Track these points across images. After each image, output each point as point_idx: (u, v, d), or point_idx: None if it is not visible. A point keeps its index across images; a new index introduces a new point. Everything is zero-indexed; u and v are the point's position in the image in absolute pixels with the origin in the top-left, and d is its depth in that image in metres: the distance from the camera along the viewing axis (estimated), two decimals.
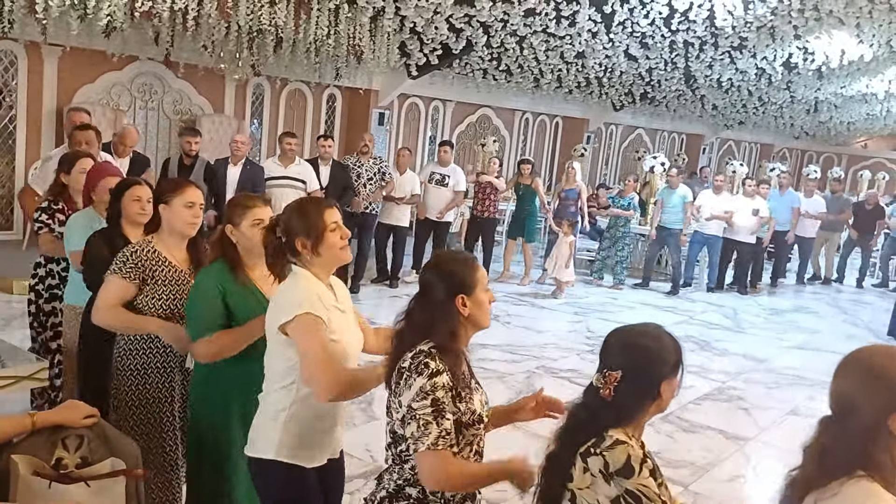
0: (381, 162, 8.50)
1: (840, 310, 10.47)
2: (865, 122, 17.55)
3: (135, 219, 3.42)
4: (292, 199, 3.04)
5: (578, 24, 9.20)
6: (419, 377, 1.98)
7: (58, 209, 4.08)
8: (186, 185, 3.06)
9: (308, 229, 2.38)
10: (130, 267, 2.91)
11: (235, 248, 2.76)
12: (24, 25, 6.94)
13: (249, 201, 2.81)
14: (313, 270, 2.41)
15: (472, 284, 2.13)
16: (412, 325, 2.12)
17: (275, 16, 7.57)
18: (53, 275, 4.18)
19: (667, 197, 10.27)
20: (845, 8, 8.66)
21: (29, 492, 2.05)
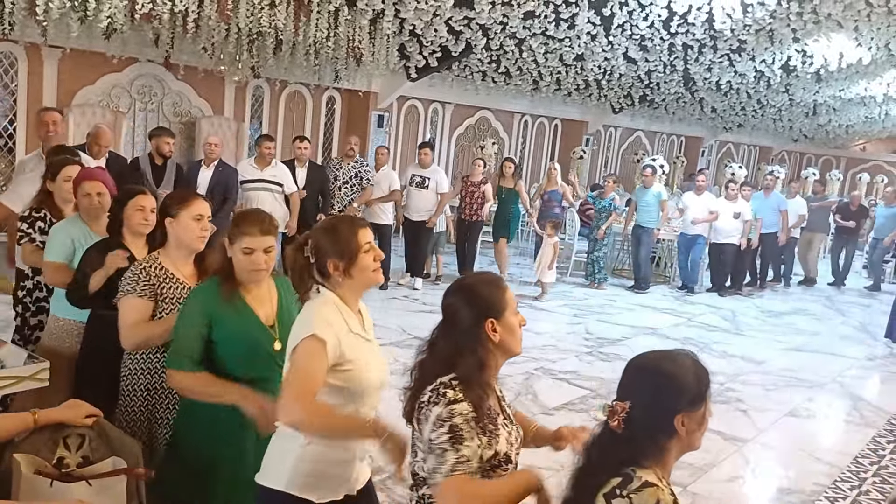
0: (360, 165, 8.48)
1: (838, 312, 10.48)
2: (864, 125, 17.59)
3: (137, 229, 3.30)
4: (269, 202, 3.05)
5: (577, 26, 9.22)
6: (436, 406, 1.87)
7: (39, 217, 3.91)
8: (194, 198, 2.95)
9: (341, 250, 2.24)
10: (144, 285, 2.80)
11: (231, 264, 2.62)
12: (25, 27, 6.95)
13: (248, 226, 2.60)
14: (341, 293, 2.27)
15: (502, 307, 1.99)
16: (435, 356, 1.99)
17: (274, 18, 7.59)
18: (41, 287, 3.99)
19: (640, 196, 10.24)
20: (844, 11, 8.68)
21: (31, 490, 2.06)
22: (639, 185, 10.65)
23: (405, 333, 7.01)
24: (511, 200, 9.65)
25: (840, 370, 7.42)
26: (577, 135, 15.25)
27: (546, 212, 9.96)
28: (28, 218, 3.89)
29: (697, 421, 1.74)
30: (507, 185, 9.62)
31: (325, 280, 2.28)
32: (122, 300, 2.81)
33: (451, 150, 13.46)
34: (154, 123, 9.44)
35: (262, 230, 2.58)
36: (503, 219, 9.69)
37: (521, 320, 2.05)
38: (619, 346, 7.37)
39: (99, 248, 3.27)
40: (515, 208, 9.72)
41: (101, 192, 3.57)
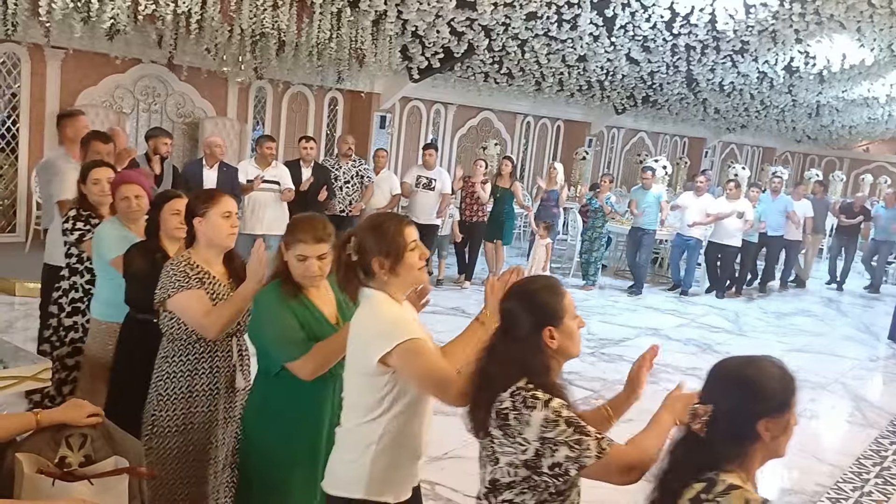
0: (359, 164, 8.41)
1: (841, 313, 10.47)
2: (867, 126, 17.56)
3: (174, 234, 3.27)
4: (270, 203, 3.04)
5: (580, 27, 9.22)
6: (534, 410, 1.86)
7: (84, 216, 3.92)
8: (220, 195, 2.90)
9: (387, 248, 2.21)
10: (193, 278, 2.77)
11: (288, 267, 2.58)
12: (28, 28, 6.97)
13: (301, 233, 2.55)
14: (388, 291, 2.25)
15: (561, 314, 1.98)
16: (499, 363, 1.97)
17: (277, 19, 7.61)
18: (77, 288, 3.96)
19: (640, 197, 10.13)
20: (846, 12, 8.68)
21: (33, 490, 2.06)
22: (638, 187, 10.60)
23: None
24: (506, 201, 9.50)
25: (843, 371, 7.41)
26: (579, 136, 15.25)
27: (543, 212, 9.88)
28: (75, 218, 3.89)
29: (782, 427, 1.71)
30: (503, 184, 9.49)
31: (370, 280, 2.25)
32: (177, 298, 2.75)
33: (453, 151, 13.47)
34: (157, 124, 9.46)
35: (316, 237, 2.54)
36: (497, 219, 9.54)
37: (580, 323, 2.04)
38: (621, 346, 7.37)
39: (139, 251, 3.27)
40: (510, 209, 9.58)
41: (138, 194, 3.58)
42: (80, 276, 3.94)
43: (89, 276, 3.86)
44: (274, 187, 7.41)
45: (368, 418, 2.22)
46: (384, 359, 2.14)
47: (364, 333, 2.21)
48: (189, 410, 2.82)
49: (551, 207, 9.99)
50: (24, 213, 8.50)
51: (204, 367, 2.83)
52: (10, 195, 8.58)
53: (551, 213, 9.90)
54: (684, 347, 7.67)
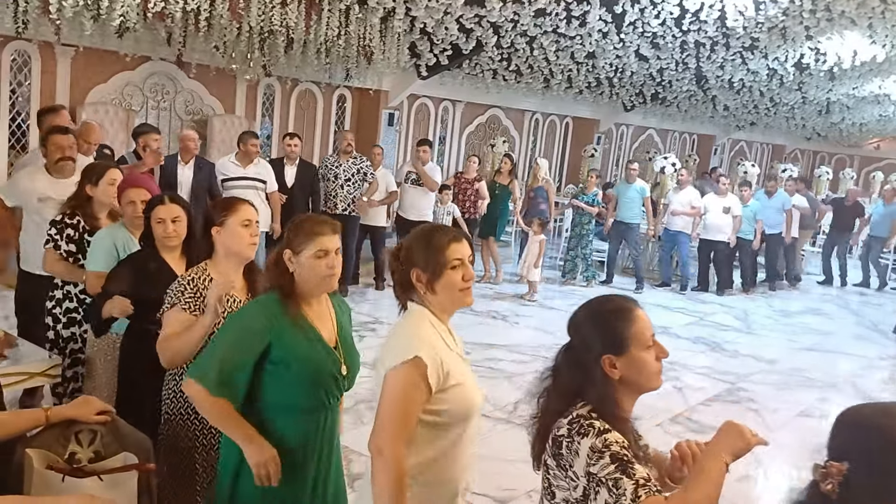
0: (360, 161, 8.21)
1: (850, 311, 10.43)
2: (878, 124, 17.46)
3: (162, 242, 3.13)
4: (254, 201, 2.98)
5: (589, 24, 9.19)
6: (585, 437, 1.71)
7: (71, 224, 3.74)
8: (239, 203, 2.75)
9: (427, 261, 2.06)
10: (189, 297, 2.61)
11: (291, 277, 2.35)
12: (38, 26, 6.99)
13: (317, 227, 2.36)
14: (431, 309, 2.10)
15: (626, 343, 1.79)
16: (559, 386, 1.85)
17: (286, 17, 7.60)
18: (71, 297, 3.84)
19: (623, 191, 10.10)
20: (857, 9, 8.61)
21: (43, 485, 2.08)
22: (621, 181, 10.52)
23: None
24: (503, 198, 9.49)
25: (852, 370, 7.38)
26: (588, 133, 15.21)
27: (532, 209, 9.81)
28: (59, 223, 3.73)
29: None
30: (503, 181, 9.49)
31: (412, 292, 2.11)
32: (166, 314, 2.63)
33: (461, 148, 13.45)
34: (166, 122, 9.49)
35: (333, 229, 2.38)
36: (492, 216, 9.52)
37: (659, 353, 1.83)
38: None
39: (127, 264, 3.16)
40: (505, 206, 9.56)
41: (144, 199, 3.43)
42: (73, 285, 3.82)
43: (83, 285, 3.72)
44: (258, 185, 7.15)
45: None
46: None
47: (388, 344, 2.08)
48: (201, 431, 2.69)
49: (539, 204, 9.89)
50: None
51: None
52: None
53: (540, 210, 9.80)
54: (693, 346, 7.65)
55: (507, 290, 9.23)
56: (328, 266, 2.33)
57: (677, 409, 5.68)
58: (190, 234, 3.16)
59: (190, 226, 3.16)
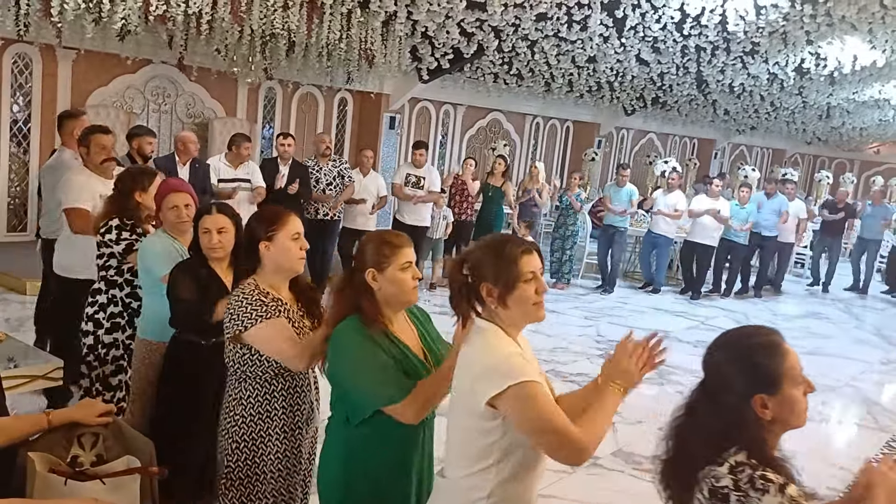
0: (340, 164, 8.04)
1: (852, 316, 10.42)
2: (878, 128, 17.47)
3: (209, 254, 3.06)
4: (245, 202, 2.95)
5: (590, 28, 9.20)
6: (766, 495, 1.58)
7: (133, 224, 3.70)
8: (287, 214, 2.60)
9: (498, 274, 1.96)
10: (270, 307, 2.47)
11: (374, 296, 2.25)
12: (40, 28, 7.01)
13: (396, 239, 2.29)
14: (501, 325, 1.99)
15: (780, 379, 1.67)
16: (701, 431, 1.71)
17: (287, 20, 7.61)
18: (116, 301, 3.73)
19: (613, 195, 10.06)
20: (858, 13, 8.62)
21: (46, 488, 2.07)
22: (611, 184, 10.46)
23: None
24: (497, 200, 9.33)
25: (854, 374, 7.37)
26: (588, 137, 15.23)
27: (523, 211, 9.69)
28: (125, 227, 3.66)
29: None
30: (496, 183, 9.32)
31: (480, 307, 2.01)
32: (257, 330, 2.43)
33: (462, 152, 13.46)
34: (168, 125, 9.50)
35: (409, 241, 2.33)
36: (487, 219, 9.37)
37: (808, 388, 1.72)
38: None
39: (182, 271, 3.07)
40: (500, 209, 9.41)
41: (188, 203, 3.37)
42: (119, 289, 3.72)
43: (129, 290, 3.70)
44: (246, 186, 7.08)
45: (475, 469, 1.95)
46: (493, 401, 1.88)
47: (472, 371, 1.95)
48: (267, 456, 2.55)
49: (531, 206, 9.80)
50: (34, 212, 8.53)
51: (283, 406, 2.55)
52: (21, 195, 8.63)
53: (531, 212, 9.72)
54: (695, 350, 7.63)
55: None
56: (415, 277, 2.30)
57: None
58: (238, 244, 3.03)
59: (238, 237, 3.04)
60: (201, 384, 2.95)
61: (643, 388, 2.23)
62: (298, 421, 2.58)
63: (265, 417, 2.53)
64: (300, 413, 2.58)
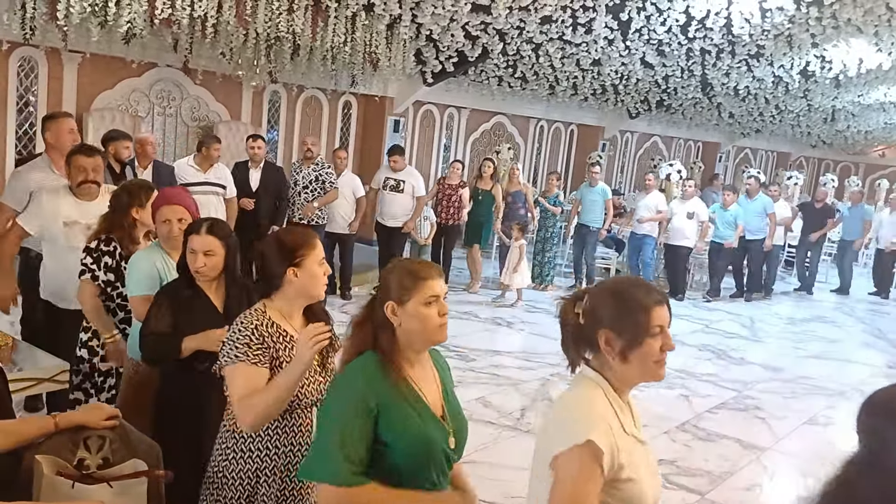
0: (321, 168, 7.75)
1: (857, 319, 10.39)
2: (883, 131, 17.45)
3: (197, 277, 2.85)
4: (213, 206, 2.84)
5: (595, 31, 9.20)
6: None
7: (108, 251, 3.45)
8: (314, 237, 2.43)
9: (623, 324, 1.75)
10: (258, 349, 2.27)
11: (393, 333, 1.99)
12: (46, 32, 7.02)
13: (422, 270, 2.01)
14: (612, 379, 1.79)
15: None
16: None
17: (292, 23, 7.62)
18: None
19: (586, 194, 10.02)
20: (864, 16, 8.61)
21: (52, 492, 2.07)
22: (584, 184, 10.40)
23: None
24: (487, 203, 9.20)
25: (860, 378, 7.34)
26: (593, 140, 15.21)
27: (510, 214, 9.52)
28: (94, 251, 3.42)
29: None
30: (485, 186, 9.19)
31: (592, 354, 1.82)
32: (232, 369, 2.27)
33: (466, 155, 13.46)
34: (172, 128, 9.51)
35: (438, 271, 2.06)
36: (477, 223, 9.22)
37: None
38: None
39: (165, 297, 2.88)
40: (490, 212, 9.26)
41: (182, 217, 3.18)
42: (111, 314, 3.52)
43: (123, 315, 3.49)
44: (218, 190, 6.80)
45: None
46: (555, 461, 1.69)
47: (558, 419, 1.79)
48: (255, 497, 2.37)
49: (518, 209, 9.64)
50: None
51: (280, 444, 2.37)
52: None
53: (519, 215, 9.56)
54: (699, 353, 7.62)
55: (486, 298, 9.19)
56: (442, 314, 2.00)
57: (684, 417, 5.66)
58: (227, 267, 2.89)
59: (228, 259, 2.88)
60: (198, 410, 2.75)
61: (647, 392, 2.20)
62: (297, 461, 2.38)
63: (262, 454, 2.36)
64: (293, 455, 2.39)
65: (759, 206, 10.49)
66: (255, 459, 2.36)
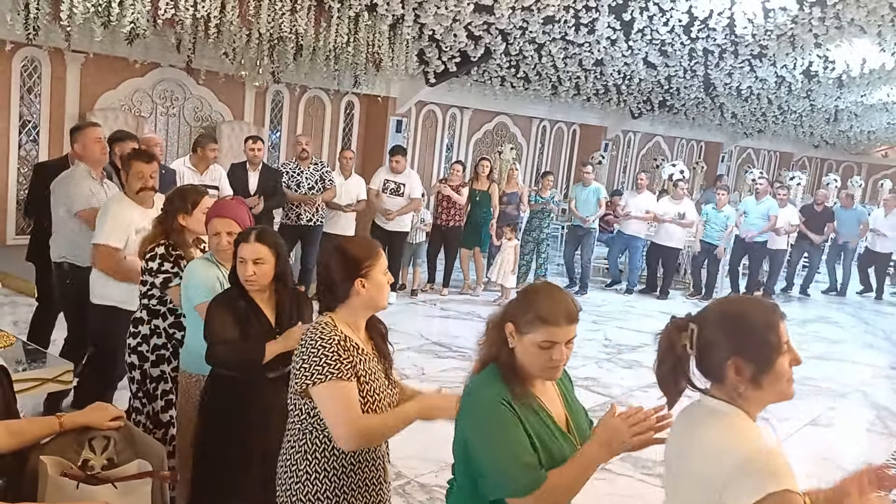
0: (322, 168, 7.69)
1: (860, 320, 10.38)
2: (886, 131, 17.43)
3: (245, 285, 2.85)
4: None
5: (597, 31, 9.19)
6: None
7: (178, 254, 3.47)
8: (378, 248, 2.38)
9: (751, 349, 1.62)
10: (347, 364, 2.19)
11: (513, 356, 1.94)
12: (49, 32, 7.03)
13: (552, 312, 1.92)
14: (744, 407, 1.66)
15: None
16: None
17: (295, 23, 7.63)
18: (159, 332, 3.51)
19: (579, 194, 9.99)
20: (867, 16, 8.60)
21: (57, 492, 2.08)
22: (578, 184, 10.36)
23: None
24: (485, 203, 9.06)
25: (863, 379, 7.34)
26: (595, 140, 15.21)
27: (504, 214, 9.41)
28: (169, 257, 3.44)
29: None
30: (481, 187, 9.04)
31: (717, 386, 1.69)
32: (324, 388, 2.15)
33: (469, 155, 13.46)
34: (175, 128, 9.53)
35: (569, 317, 1.94)
36: (475, 224, 9.07)
37: None
38: (638, 352, 7.32)
39: (221, 304, 2.86)
40: (488, 212, 9.11)
41: (231, 231, 3.12)
42: (161, 318, 3.50)
43: (172, 319, 3.50)
44: (212, 192, 6.41)
45: None
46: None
47: (722, 464, 1.60)
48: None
49: (511, 210, 9.56)
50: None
51: (358, 461, 2.27)
52: None
53: (512, 215, 9.49)
54: None
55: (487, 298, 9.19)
56: (554, 359, 1.92)
57: None
58: (278, 275, 2.88)
59: (279, 267, 2.87)
60: (246, 428, 2.74)
61: (651, 393, 2.18)
62: (374, 477, 2.32)
63: (340, 474, 2.25)
64: (375, 469, 2.33)
65: (764, 209, 10.43)
66: (328, 479, 2.24)
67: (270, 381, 2.83)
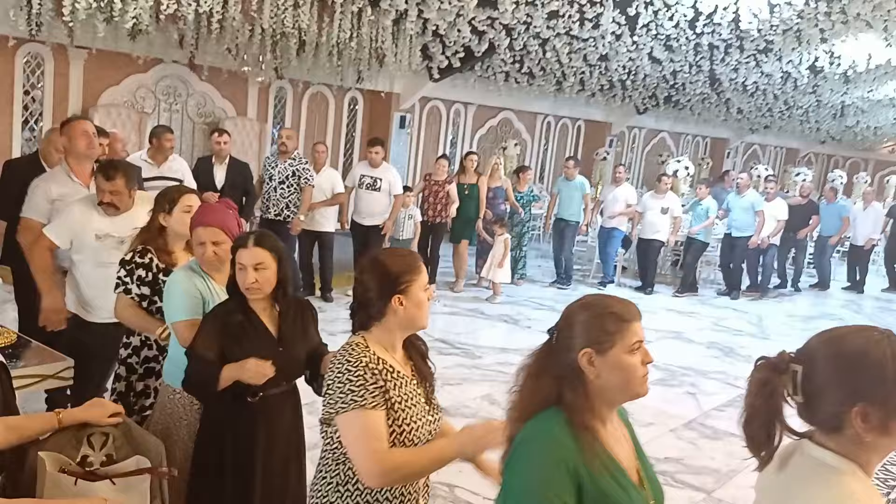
0: (298, 163, 7.31)
1: (865, 316, 10.34)
2: (893, 127, 17.37)
3: (246, 294, 2.63)
4: None
5: (602, 26, 9.16)
6: None
7: (142, 263, 3.19)
8: (419, 261, 2.18)
9: (880, 392, 1.37)
10: (375, 390, 2.00)
11: (586, 388, 1.66)
12: (52, 28, 7.03)
13: (624, 309, 1.68)
14: (860, 459, 1.41)
15: None
16: None
17: (298, 19, 7.61)
18: (150, 344, 3.30)
19: (563, 188, 9.91)
20: (873, 11, 8.56)
21: (56, 488, 2.07)
22: (561, 178, 10.26)
23: None
24: (474, 197, 8.91)
25: None
26: (600, 136, 15.17)
27: (492, 209, 9.25)
28: (129, 263, 3.20)
29: None
30: (469, 181, 8.91)
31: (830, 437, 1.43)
32: (348, 417, 1.98)
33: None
34: (178, 124, 9.52)
35: (637, 313, 1.72)
36: (465, 218, 8.90)
37: None
38: None
39: (212, 320, 2.63)
40: (477, 206, 8.95)
41: (217, 240, 2.87)
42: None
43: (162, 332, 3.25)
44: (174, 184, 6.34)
45: None
46: None
47: None
48: None
49: (498, 204, 9.37)
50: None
51: (398, 494, 2.11)
52: None
53: (499, 209, 9.32)
54: (707, 351, 7.58)
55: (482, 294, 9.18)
56: (646, 362, 1.69)
57: (691, 415, 5.63)
58: (280, 282, 2.66)
59: (281, 273, 2.66)
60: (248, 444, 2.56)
61: (654, 389, 2.08)
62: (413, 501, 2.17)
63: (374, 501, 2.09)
64: (413, 497, 2.15)
65: (748, 203, 10.15)
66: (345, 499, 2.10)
67: (270, 398, 2.62)
